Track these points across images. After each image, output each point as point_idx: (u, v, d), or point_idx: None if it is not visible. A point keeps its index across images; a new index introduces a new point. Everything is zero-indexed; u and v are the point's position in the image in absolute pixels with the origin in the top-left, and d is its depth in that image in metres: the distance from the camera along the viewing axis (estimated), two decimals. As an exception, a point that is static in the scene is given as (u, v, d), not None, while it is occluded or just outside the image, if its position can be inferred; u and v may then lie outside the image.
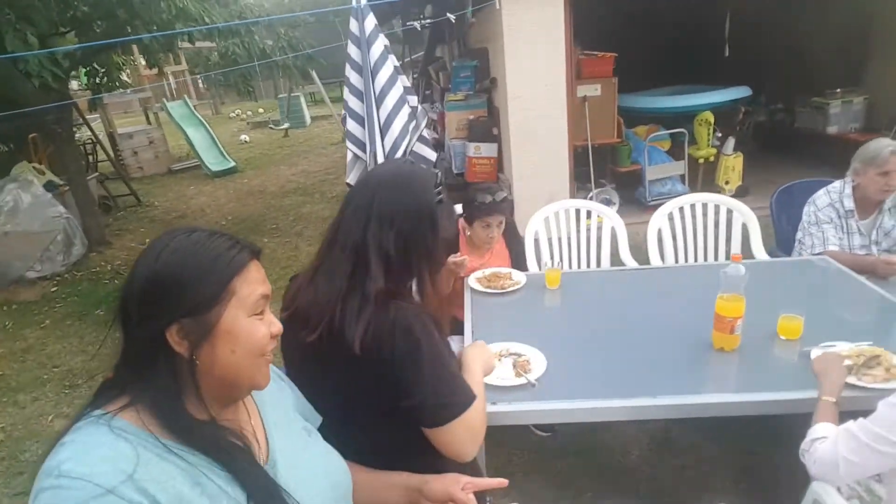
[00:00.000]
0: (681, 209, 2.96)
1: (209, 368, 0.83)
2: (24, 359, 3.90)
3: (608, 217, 3.01)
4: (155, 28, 4.35)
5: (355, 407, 1.18)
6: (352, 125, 3.78)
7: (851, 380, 1.54)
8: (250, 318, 0.85)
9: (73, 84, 7.70)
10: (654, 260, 2.86)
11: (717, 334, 1.78)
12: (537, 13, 4.50)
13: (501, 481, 1.13)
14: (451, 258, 2.33)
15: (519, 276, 2.39)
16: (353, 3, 3.53)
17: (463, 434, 1.15)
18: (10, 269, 5.08)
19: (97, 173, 7.33)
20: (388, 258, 1.16)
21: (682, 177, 5.60)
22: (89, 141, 7.84)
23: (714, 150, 5.70)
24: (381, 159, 3.68)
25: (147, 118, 10.24)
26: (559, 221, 3.06)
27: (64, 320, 4.46)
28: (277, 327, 0.88)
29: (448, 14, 4.10)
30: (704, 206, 2.95)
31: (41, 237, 5.11)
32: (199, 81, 11.27)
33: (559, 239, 3.04)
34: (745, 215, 2.88)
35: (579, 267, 3.01)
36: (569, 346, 1.94)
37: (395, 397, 1.12)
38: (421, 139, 4.01)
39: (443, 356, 1.16)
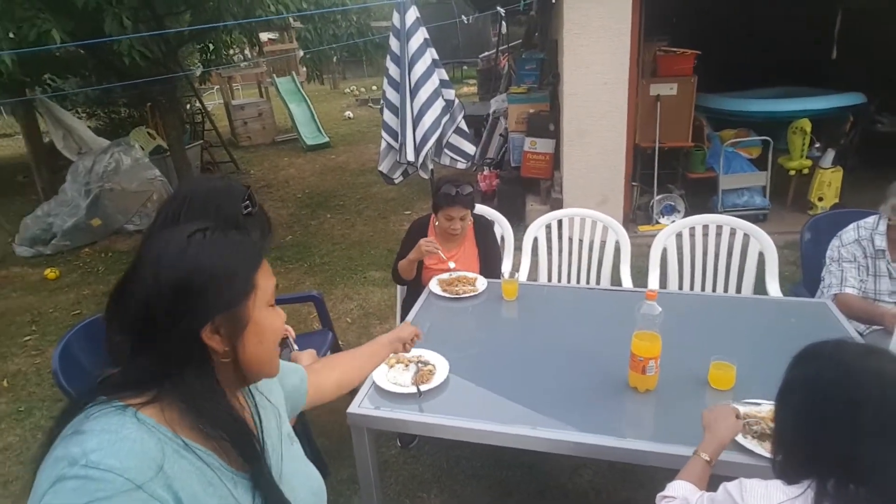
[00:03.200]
0: (691, 229, 2.73)
1: (241, 361, 0.84)
2: (101, 301, 4.50)
3: (613, 230, 2.86)
4: (232, 17, 4.74)
5: None
6: (387, 115, 3.89)
7: (750, 444, 1.40)
8: (269, 309, 0.88)
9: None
10: (653, 283, 2.68)
11: (631, 373, 1.68)
12: (602, 6, 4.28)
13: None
14: (423, 240, 2.38)
15: (481, 285, 2.37)
16: (396, -5, 3.60)
17: None
18: (112, 221, 5.83)
19: (202, 141, 8.10)
20: None
21: (764, 189, 5.09)
22: (198, 112, 8.67)
23: (809, 162, 5.11)
24: (410, 150, 3.76)
25: (260, 92, 11.08)
26: (563, 230, 2.95)
27: (143, 271, 5.07)
28: (282, 314, 0.92)
29: (498, 8, 4.02)
30: (719, 228, 2.71)
31: (138, 196, 5.80)
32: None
33: (560, 248, 2.94)
34: (763, 244, 2.60)
35: (578, 282, 2.91)
36: (490, 361, 1.92)
37: None
38: (459, 132, 4.04)
39: None
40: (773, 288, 2.53)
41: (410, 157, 3.77)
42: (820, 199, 5.08)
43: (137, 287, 0.78)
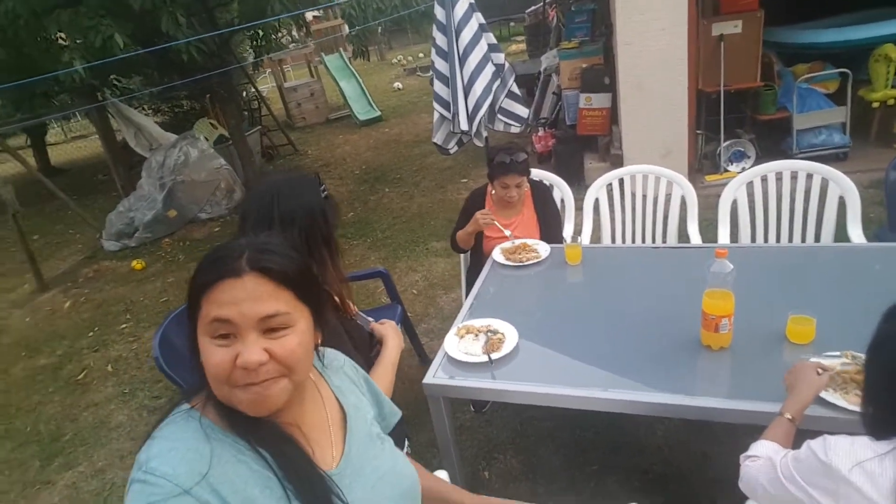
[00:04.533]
0: (763, 177, 2.60)
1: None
2: (184, 287, 4.79)
3: (678, 184, 2.76)
4: (280, 3, 4.82)
5: None
6: (438, 86, 3.88)
7: (834, 398, 1.36)
8: (209, 341, 0.79)
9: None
10: (723, 237, 2.59)
11: (703, 332, 1.65)
12: (654, -55, 4.04)
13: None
14: (479, 213, 2.40)
15: (543, 251, 2.37)
16: (438, -38, 3.54)
17: None
18: (186, 212, 6.17)
19: (260, 126, 8.36)
20: (294, 250, 1.34)
21: (843, 125, 4.73)
22: (254, 98, 8.92)
23: (895, 92, 4.69)
24: (463, 119, 3.75)
25: (310, 71, 11.24)
26: (625, 188, 2.88)
27: (219, 256, 5.36)
28: (244, 359, 0.77)
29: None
30: (794, 173, 2.56)
31: (207, 185, 6.09)
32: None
33: (622, 208, 2.88)
34: (844, 187, 2.44)
35: (643, 241, 2.84)
36: (559, 326, 1.93)
37: None
38: (511, 95, 3.98)
39: (339, 336, 1.35)
40: (856, 234, 2.39)
41: (464, 126, 3.75)
42: (908, 132, 4.69)
43: None
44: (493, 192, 2.51)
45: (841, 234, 2.46)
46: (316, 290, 0.91)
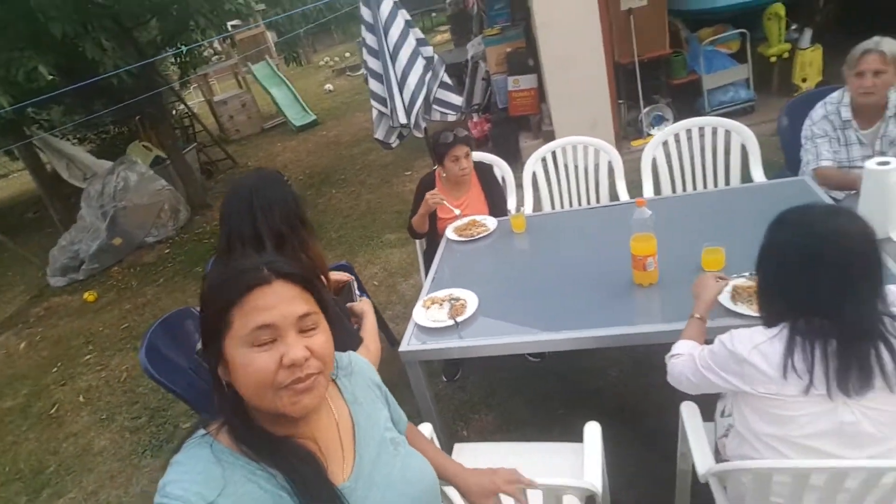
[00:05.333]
0: (676, 136, 2.91)
1: (244, 396, 0.86)
2: (143, 312, 4.81)
3: (605, 151, 3.04)
4: (201, 16, 4.84)
5: None
6: (373, 84, 4.02)
7: (742, 308, 1.64)
8: (249, 350, 0.83)
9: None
10: (647, 192, 2.88)
11: (634, 272, 1.91)
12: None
13: (532, 483, 1.22)
14: (428, 193, 2.59)
15: (491, 224, 2.59)
16: (359, -36, 3.68)
17: None
18: (133, 237, 6.09)
19: (196, 143, 8.26)
20: (281, 235, 1.53)
21: (747, 81, 5.18)
22: (185, 115, 8.78)
23: (788, 46, 5.17)
24: (401, 113, 3.91)
25: (238, 82, 11.10)
26: (557, 159, 3.14)
27: (174, 278, 5.36)
28: (291, 356, 0.83)
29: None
30: (701, 129, 2.88)
31: (151, 208, 6.03)
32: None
33: (557, 178, 3.13)
34: (744, 136, 2.78)
35: (580, 205, 3.11)
36: (513, 287, 2.16)
37: None
38: (443, 86, 4.17)
39: (339, 317, 1.54)
40: (758, 175, 2.73)
41: (402, 119, 3.92)
42: (804, 81, 5.18)
43: None
44: (444, 173, 2.70)
45: (747, 177, 2.79)
46: (325, 294, 0.98)
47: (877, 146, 2.40)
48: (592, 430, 1.57)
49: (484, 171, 2.82)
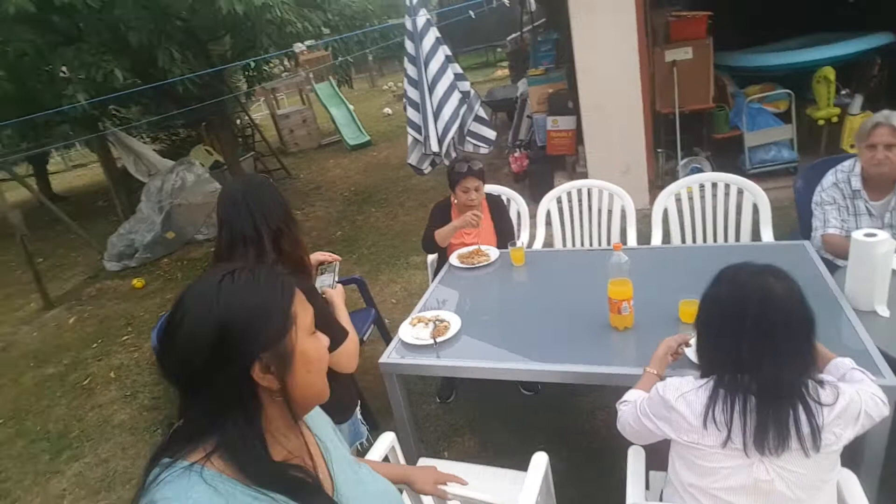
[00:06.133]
0: (702, 187, 2.96)
1: (292, 395, 0.86)
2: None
3: (618, 196, 3.13)
4: (267, 37, 5.26)
5: None
6: (411, 112, 4.26)
7: (690, 354, 1.68)
8: (312, 337, 0.90)
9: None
10: (656, 240, 2.94)
11: (611, 314, 1.99)
12: (606, -19, 4.47)
13: (462, 480, 1.43)
14: (470, 212, 2.72)
15: (494, 254, 2.72)
16: (407, 2, 3.94)
17: (343, 357, 1.70)
18: (184, 233, 6.52)
19: (254, 152, 8.76)
20: (278, 231, 1.71)
21: (791, 142, 5.13)
22: (248, 125, 9.35)
23: (837, 110, 5.10)
24: (434, 141, 4.12)
25: (302, 99, 11.71)
26: (572, 201, 3.24)
27: (214, 274, 5.70)
28: (326, 339, 0.94)
29: (503, -1, 4.32)
30: (714, 185, 2.93)
31: (203, 208, 6.45)
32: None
33: (571, 218, 3.23)
34: (756, 195, 2.81)
35: (589, 245, 3.19)
36: (499, 316, 2.28)
37: None
38: (478, 119, 4.37)
39: (321, 308, 1.68)
40: (767, 234, 2.75)
41: (435, 147, 4.13)
42: (852, 147, 5.07)
43: (177, 344, 0.81)
44: (456, 200, 2.86)
45: (757, 235, 2.82)
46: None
47: (886, 219, 2.40)
48: (539, 460, 1.65)
49: (496, 203, 2.95)
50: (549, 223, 3.26)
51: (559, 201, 3.26)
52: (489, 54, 17.51)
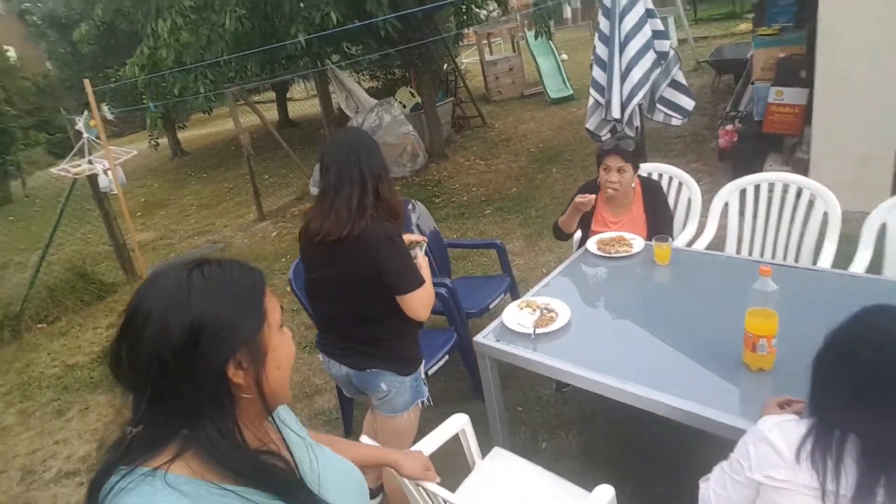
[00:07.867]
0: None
1: (265, 391, 0.84)
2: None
3: (822, 198, 2.50)
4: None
5: (354, 283, 1.80)
6: (596, 71, 3.92)
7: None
8: (281, 333, 0.88)
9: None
10: (860, 264, 2.30)
11: (744, 350, 1.62)
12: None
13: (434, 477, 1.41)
14: (578, 197, 2.51)
15: (637, 246, 2.39)
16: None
17: (418, 301, 1.78)
18: (375, 169, 7.02)
19: (453, 97, 8.94)
20: (379, 178, 1.79)
21: None
22: (452, 70, 9.52)
23: None
24: (616, 106, 3.75)
25: (512, 46, 11.53)
26: (759, 195, 2.69)
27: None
28: (289, 334, 0.92)
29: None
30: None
31: (395, 148, 6.84)
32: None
33: (754, 217, 2.70)
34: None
35: (773, 257, 2.64)
36: (615, 319, 2.02)
37: (377, 275, 1.75)
38: (674, 85, 3.86)
39: (405, 253, 1.79)
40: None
41: (616, 114, 3.74)
42: None
43: (144, 343, 0.76)
44: (600, 181, 2.57)
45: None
46: None
47: None
48: (602, 493, 1.44)
49: (652, 190, 2.58)
50: (726, 219, 2.76)
51: (743, 194, 2.73)
52: (736, 3, 15.25)
